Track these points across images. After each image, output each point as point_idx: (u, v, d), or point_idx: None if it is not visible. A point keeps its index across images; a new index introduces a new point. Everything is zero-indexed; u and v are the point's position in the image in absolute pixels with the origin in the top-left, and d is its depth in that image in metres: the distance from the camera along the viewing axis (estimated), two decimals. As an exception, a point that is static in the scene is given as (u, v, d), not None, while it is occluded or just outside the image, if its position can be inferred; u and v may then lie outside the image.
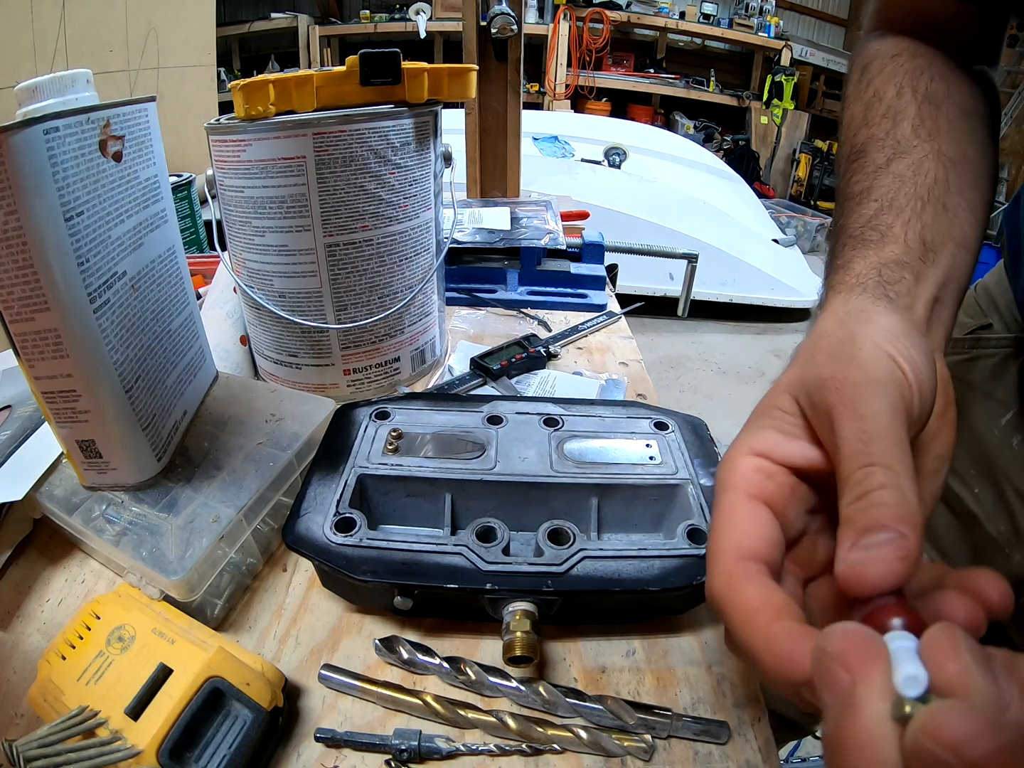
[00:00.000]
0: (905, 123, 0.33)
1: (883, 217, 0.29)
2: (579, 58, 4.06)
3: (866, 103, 0.36)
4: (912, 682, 0.15)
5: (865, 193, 0.31)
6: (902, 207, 0.29)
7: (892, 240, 0.28)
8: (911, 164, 0.31)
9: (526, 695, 0.32)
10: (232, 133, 0.46)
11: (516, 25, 0.86)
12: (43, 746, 0.27)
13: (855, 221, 0.30)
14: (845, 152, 0.35)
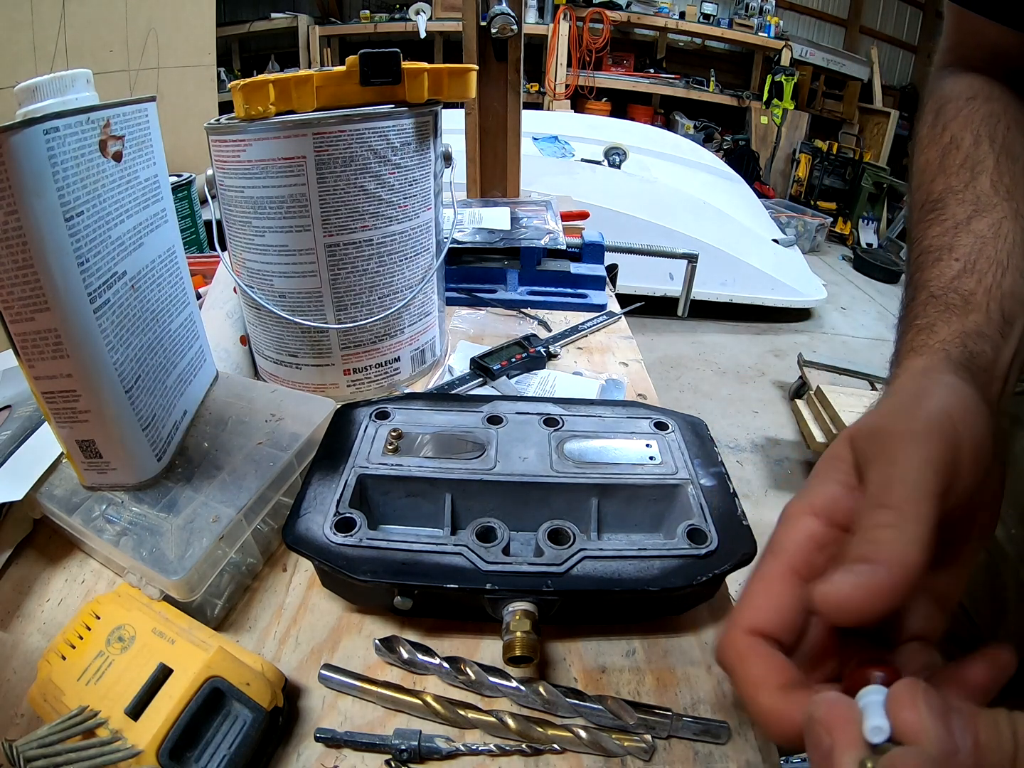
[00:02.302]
0: (983, 177, 0.33)
1: (965, 280, 0.30)
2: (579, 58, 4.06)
3: (943, 149, 0.35)
4: (876, 731, 0.18)
5: (946, 250, 0.31)
6: (984, 272, 0.29)
7: (975, 309, 0.28)
8: (991, 224, 0.31)
9: (526, 695, 0.32)
10: (232, 133, 0.46)
11: (516, 25, 0.86)
12: (43, 746, 0.27)
13: (936, 279, 0.30)
14: (920, 199, 0.35)
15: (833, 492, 0.23)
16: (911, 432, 0.21)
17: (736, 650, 0.22)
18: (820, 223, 3.58)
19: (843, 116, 4.27)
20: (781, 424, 2.04)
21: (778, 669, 0.21)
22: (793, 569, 0.22)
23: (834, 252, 3.72)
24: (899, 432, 0.21)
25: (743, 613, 0.22)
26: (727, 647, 0.22)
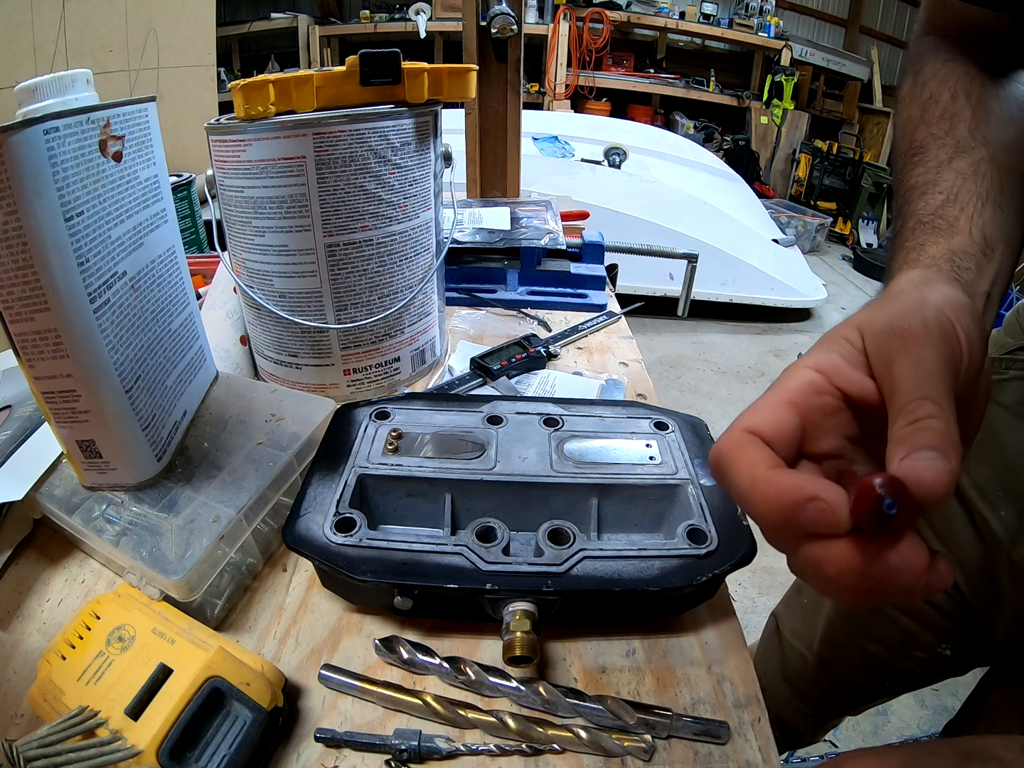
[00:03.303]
0: (962, 125, 0.35)
1: (950, 209, 0.32)
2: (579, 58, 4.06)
3: (923, 104, 0.38)
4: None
5: (931, 184, 0.34)
6: (965, 203, 0.32)
7: (959, 232, 0.31)
8: (971, 164, 0.34)
9: (526, 695, 0.32)
10: (232, 133, 0.46)
11: (516, 25, 0.86)
12: (43, 746, 0.27)
13: (923, 208, 0.33)
14: (904, 148, 0.38)
15: (835, 360, 0.25)
16: (929, 336, 0.23)
17: (733, 440, 0.23)
18: (820, 223, 3.58)
19: (843, 116, 4.27)
20: (781, 424, 2.03)
21: (772, 456, 0.22)
22: (792, 402, 0.24)
23: (834, 252, 3.72)
24: (916, 333, 0.23)
25: (742, 419, 0.23)
26: (725, 440, 0.23)
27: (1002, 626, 0.51)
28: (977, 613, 0.53)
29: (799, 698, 0.73)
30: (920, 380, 0.22)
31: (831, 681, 0.69)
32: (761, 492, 0.21)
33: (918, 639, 0.59)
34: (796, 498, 0.20)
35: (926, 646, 0.59)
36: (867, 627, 0.63)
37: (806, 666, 0.70)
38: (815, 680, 0.70)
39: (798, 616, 0.74)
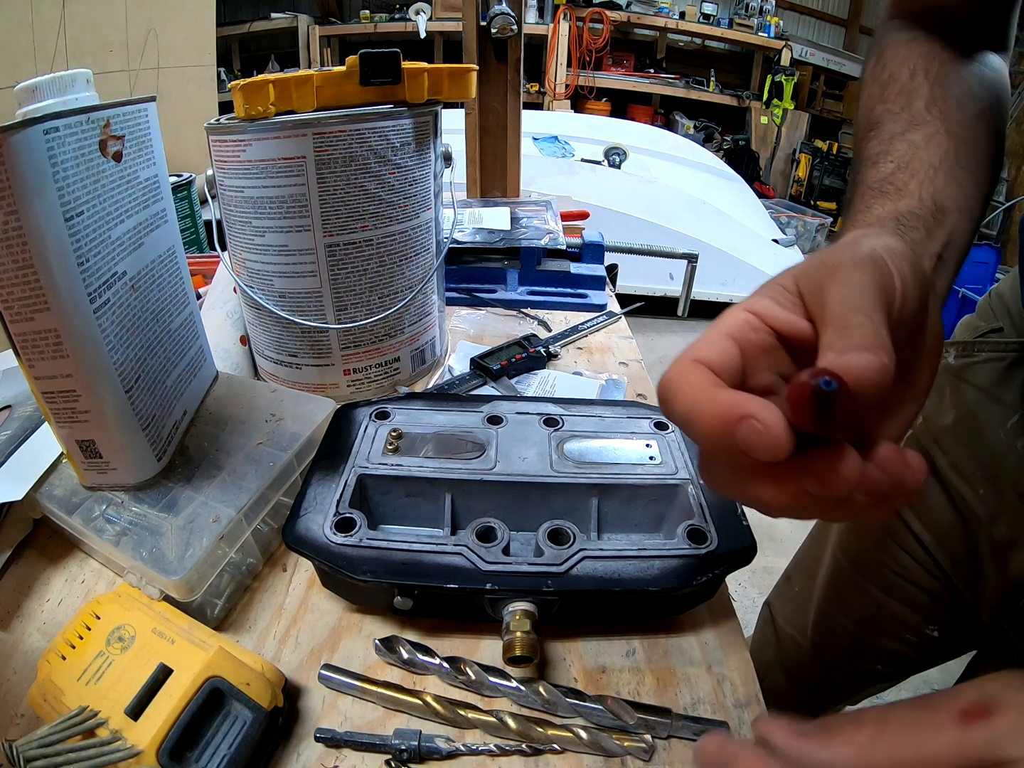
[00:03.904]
0: (919, 101, 0.35)
1: (900, 175, 0.32)
2: (579, 58, 4.06)
3: (882, 84, 0.38)
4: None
5: (882, 155, 0.34)
6: (916, 170, 0.32)
7: (908, 196, 0.31)
8: (925, 136, 0.34)
9: (526, 695, 0.32)
10: (232, 133, 0.46)
11: (516, 25, 0.87)
12: (43, 746, 0.27)
13: (873, 176, 0.33)
14: (862, 124, 0.38)
15: (767, 303, 0.24)
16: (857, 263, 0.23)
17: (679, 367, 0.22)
18: (820, 223, 3.58)
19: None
20: (781, 424, 2.03)
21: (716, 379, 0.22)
22: (731, 335, 0.23)
23: (834, 252, 3.71)
24: (846, 263, 0.23)
25: (687, 351, 0.23)
26: (671, 369, 0.22)
27: (986, 604, 0.52)
28: (962, 592, 0.54)
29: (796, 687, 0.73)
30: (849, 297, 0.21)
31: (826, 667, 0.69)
32: (703, 409, 0.20)
33: (907, 621, 0.60)
34: (737, 412, 0.19)
35: (915, 628, 0.60)
36: (857, 612, 0.63)
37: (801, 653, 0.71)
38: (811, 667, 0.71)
39: (789, 603, 0.74)
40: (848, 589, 0.64)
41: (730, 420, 0.19)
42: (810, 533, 0.74)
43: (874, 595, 0.61)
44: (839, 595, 0.65)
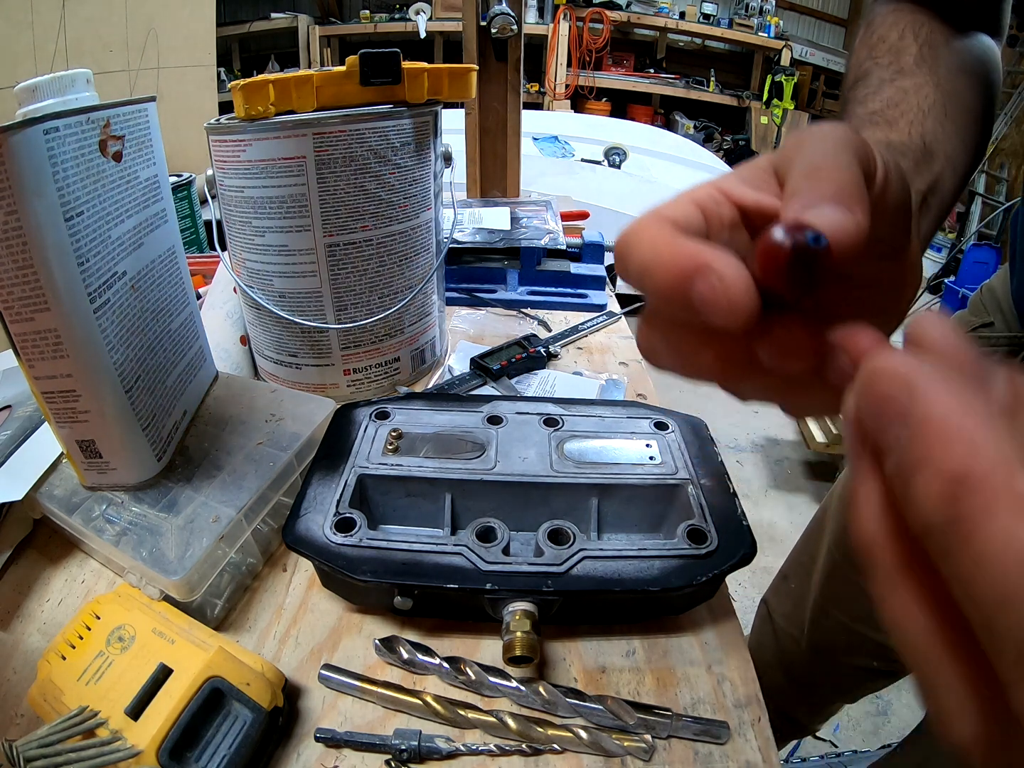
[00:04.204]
0: (907, 56, 0.35)
1: (890, 111, 0.31)
2: (579, 58, 4.06)
3: (871, 46, 0.38)
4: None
5: (871, 95, 0.33)
6: (906, 110, 0.31)
7: (898, 130, 0.30)
8: (914, 84, 0.33)
9: (526, 695, 0.32)
10: (232, 133, 0.46)
11: (516, 25, 0.86)
12: (43, 746, 0.27)
13: (862, 111, 0.32)
14: (850, 80, 0.38)
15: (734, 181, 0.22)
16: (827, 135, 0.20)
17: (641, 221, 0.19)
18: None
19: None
20: (781, 424, 2.04)
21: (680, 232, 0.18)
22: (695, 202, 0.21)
23: (834, 252, 3.71)
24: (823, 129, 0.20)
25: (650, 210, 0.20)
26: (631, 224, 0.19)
27: None
28: None
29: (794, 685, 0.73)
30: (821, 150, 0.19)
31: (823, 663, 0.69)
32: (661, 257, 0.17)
33: None
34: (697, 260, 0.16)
35: None
36: (851, 606, 0.63)
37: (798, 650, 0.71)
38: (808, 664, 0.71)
39: (787, 600, 0.74)
40: (843, 584, 0.64)
41: (688, 269, 0.16)
42: (805, 531, 0.74)
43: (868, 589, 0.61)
44: (834, 591, 0.65)
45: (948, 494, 0.11)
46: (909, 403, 0.12)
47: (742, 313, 0.15)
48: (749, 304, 0.15)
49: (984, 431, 0.11)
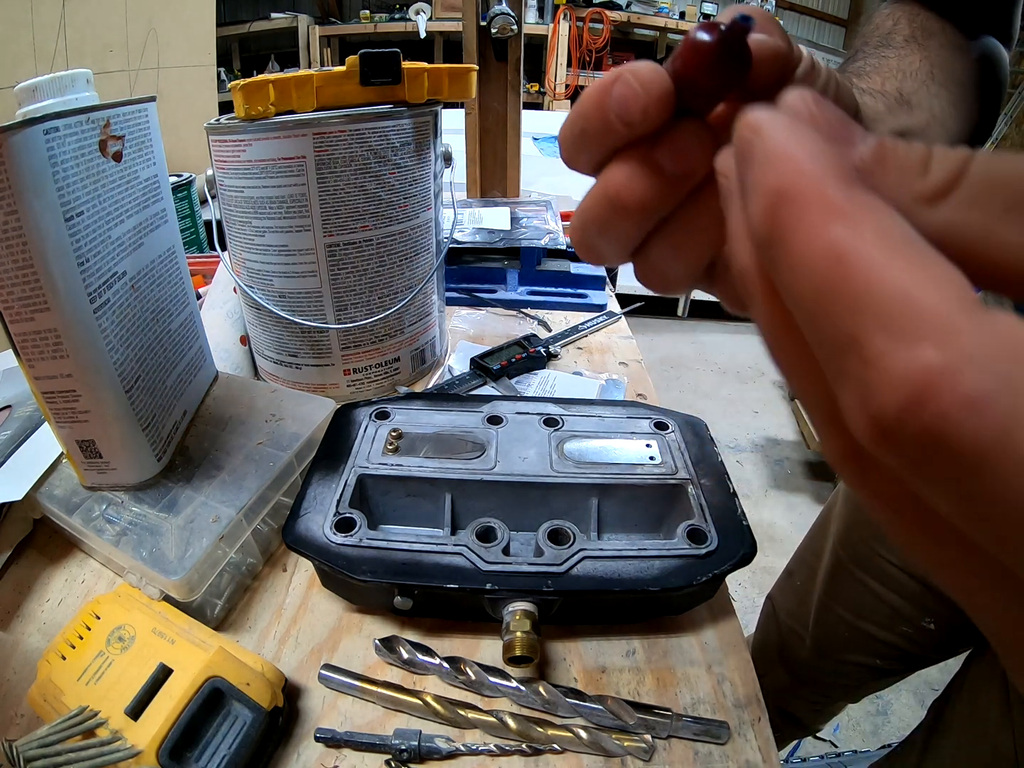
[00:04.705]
0: (898, 36, 0.35)
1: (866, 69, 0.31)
2: (579, 58, 4.06)
3: (865, 34, 0.38)
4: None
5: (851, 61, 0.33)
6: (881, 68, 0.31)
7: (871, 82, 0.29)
8: (898, 54, 0.33)
9: (526, 695, 0.32)
10: (232, 133, 0.46)
11: (516, 25, 0.86)
12: (43, 746, 0.27)
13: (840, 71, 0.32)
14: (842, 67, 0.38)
15: None
16: None
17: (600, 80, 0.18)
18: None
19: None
20: (781, 424, 2.04)
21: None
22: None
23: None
24: None
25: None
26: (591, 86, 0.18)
27: None
28: None
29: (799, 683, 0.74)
30: None
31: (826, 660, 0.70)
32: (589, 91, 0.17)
33: (902, 613, 0.60)
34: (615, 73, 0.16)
35: (910, 620, 0.60)
36: (855, 603, 0.64)
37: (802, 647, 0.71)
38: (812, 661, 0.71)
39: (791, 597, 0.75)
40: (846, 581, 0.65)
41: (607, 82, 0.16)
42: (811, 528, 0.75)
43: (871, 586, 0.62)
44: (838, 587, 0.66)
45: (769, 207, 0.11)
46: (756, 140, 0.12)
47: (655, 103, 0.15)
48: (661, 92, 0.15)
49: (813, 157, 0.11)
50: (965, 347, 0.08)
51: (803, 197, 0.11)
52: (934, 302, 0.09)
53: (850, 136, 0.12)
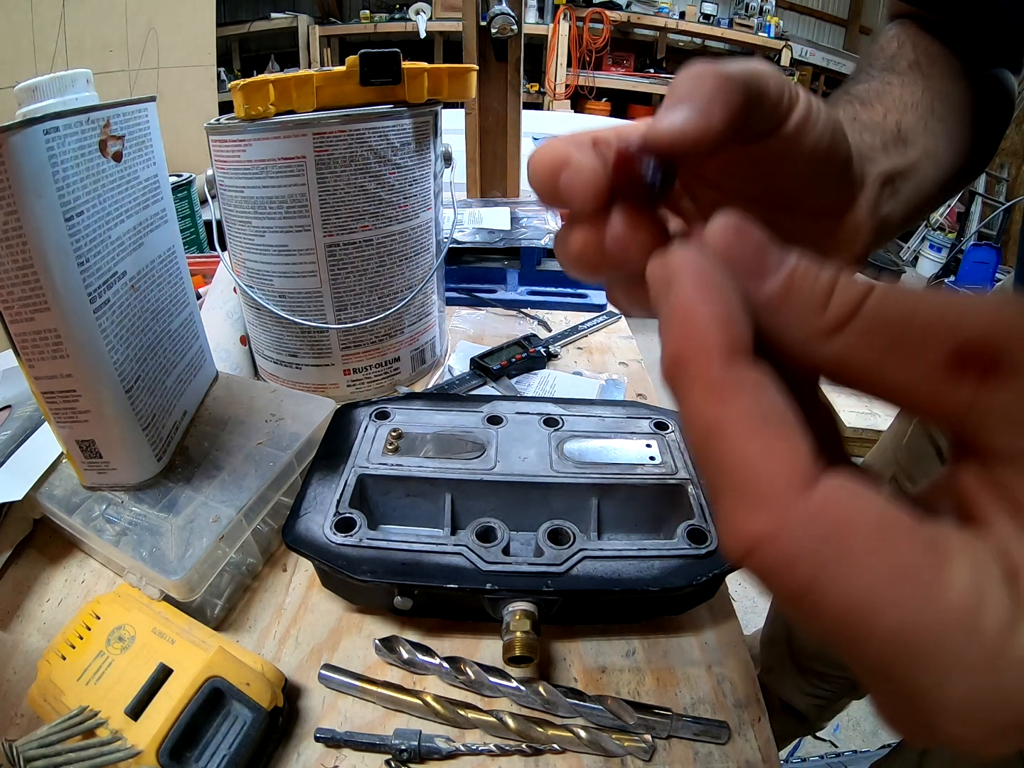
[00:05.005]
0: (902, 61, 0.35)
1: (869, 96, 0.31)
2: (579, 58, 4.06)
3: (869, 55, 0.38)
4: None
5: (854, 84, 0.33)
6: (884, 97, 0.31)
7: (872, 111, 0.30)
8: (901, 81, 0.33)
9: (526, 695, 0.32)
10: (232, 133, 0.46)
11: (516, 25, 0.86)
12: (43, 746, 0.27)
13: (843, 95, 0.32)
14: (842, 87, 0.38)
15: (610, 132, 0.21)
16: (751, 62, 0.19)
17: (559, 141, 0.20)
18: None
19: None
20: (781, 424, 2.04)
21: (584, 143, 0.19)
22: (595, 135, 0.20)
23: (834, 252, 3.71)
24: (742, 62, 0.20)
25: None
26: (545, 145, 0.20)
27: None
28: None
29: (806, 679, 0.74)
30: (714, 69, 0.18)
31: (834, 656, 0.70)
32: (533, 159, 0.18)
33: None
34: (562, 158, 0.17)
35: None
36: None
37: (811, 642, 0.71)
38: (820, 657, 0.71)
39: None
40: None
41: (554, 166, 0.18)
42: None
43: None
44: None
45: (668, 368, 0.13)
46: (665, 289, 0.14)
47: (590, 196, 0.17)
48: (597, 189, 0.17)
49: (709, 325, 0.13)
50: (786, 519, 0.11)
51: (692, 370, 0.13)
52: (771, 478, 0.11)
53: (763, 270, 0.14)
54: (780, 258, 0.14)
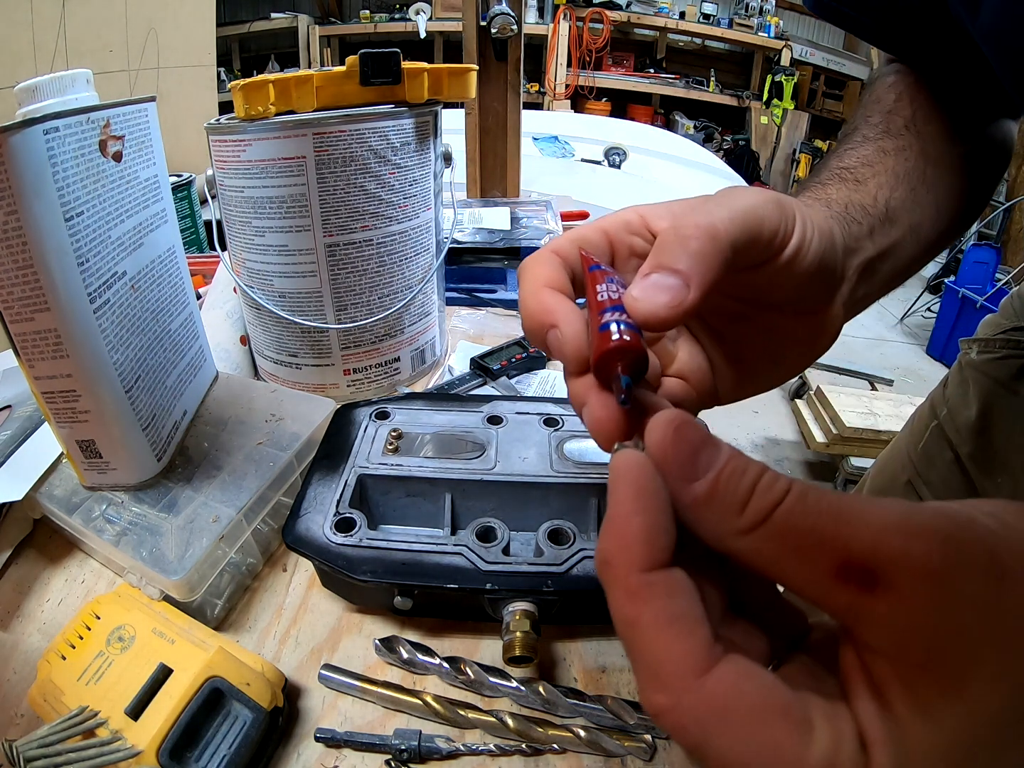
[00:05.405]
0: (899, 119, 0.35)
1: (862, 170, 0.32)
2: (579, 58, 4.06)
3: (866, 104, 0.38)
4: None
5: (850, 151, 0.34)
6: (879, 172, 0.32)
7: (864, 192, 0.30)
8: (896, 146, 0.33)
9: (526, 695, 0.32)
10: (232, 133, 0.46)
11: (516, 25, 0.87)
12: (43, 746, 0.27)
13: (836, 164, 0.33)
14: (840, 136, 0.38)
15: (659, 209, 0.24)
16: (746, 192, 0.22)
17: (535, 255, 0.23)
18: (820, 223, 3.58)
19: (843, 116, 4.27)
20: (781, 424, 2.04)
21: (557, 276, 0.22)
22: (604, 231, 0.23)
23: (834, 252, 3.71)
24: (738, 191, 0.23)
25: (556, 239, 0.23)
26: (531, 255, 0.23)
27: None
28: None
29: None
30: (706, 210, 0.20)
31: None
32: (526, 305, 0.21)
33: None
34: (548, 318, 0.20)
35: None
36: None
37: None
38: None
39: None
40: None
41: (544, 323, 0.20)
42: None
43: None
44: None
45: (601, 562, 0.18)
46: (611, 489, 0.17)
47: (574, 363, 0.20)
48: (580, 359, 0.20)
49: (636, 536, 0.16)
50: (679, 700, 0.14)
51: (617, 573, 0.16)
52: (671, 669, 0.14)
53: (693, 473, 0.16)
54: (710, 460, 0.16)
